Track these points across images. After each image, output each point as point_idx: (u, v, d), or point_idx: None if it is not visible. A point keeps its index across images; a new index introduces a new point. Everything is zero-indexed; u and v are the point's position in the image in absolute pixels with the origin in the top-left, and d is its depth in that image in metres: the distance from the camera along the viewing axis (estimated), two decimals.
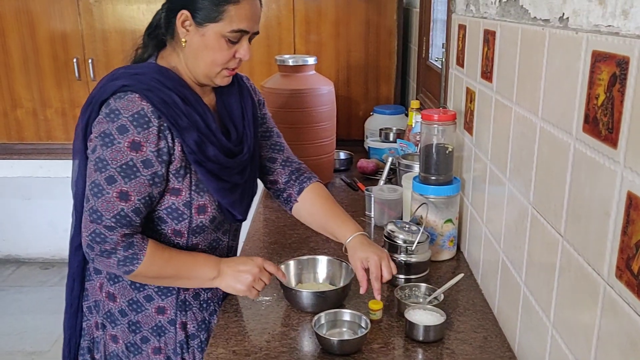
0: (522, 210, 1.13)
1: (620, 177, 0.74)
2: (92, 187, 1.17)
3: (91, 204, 1.17)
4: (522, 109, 1.13)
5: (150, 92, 1.17)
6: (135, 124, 1.15)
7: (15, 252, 3.97)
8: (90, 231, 1.17)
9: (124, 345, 1.34)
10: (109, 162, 1.15)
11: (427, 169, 1.57)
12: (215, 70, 1.25)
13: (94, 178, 1.17)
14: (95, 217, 1.17)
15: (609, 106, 0.77)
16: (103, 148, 1.16)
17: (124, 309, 1.32)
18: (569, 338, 0.91)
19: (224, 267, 1.28)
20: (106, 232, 1.16)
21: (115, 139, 1.15)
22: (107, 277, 1.32)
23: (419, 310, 1.26)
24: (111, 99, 1.18)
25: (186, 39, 1.23)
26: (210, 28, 1.20)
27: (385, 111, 2.68)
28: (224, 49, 1.22)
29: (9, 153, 3.27)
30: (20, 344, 3.03)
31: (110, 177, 1.15)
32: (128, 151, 1.15)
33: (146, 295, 1.31)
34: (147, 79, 1.20)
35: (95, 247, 1.17)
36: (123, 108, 1.16)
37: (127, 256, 1.18)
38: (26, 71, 3.13)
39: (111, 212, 1.16)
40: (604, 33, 0.78)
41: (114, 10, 3.02)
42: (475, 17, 1.51)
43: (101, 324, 1.35)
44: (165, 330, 1.33)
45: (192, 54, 1.24)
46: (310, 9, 2.89)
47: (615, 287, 0.75)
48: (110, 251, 1.17)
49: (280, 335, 1.24)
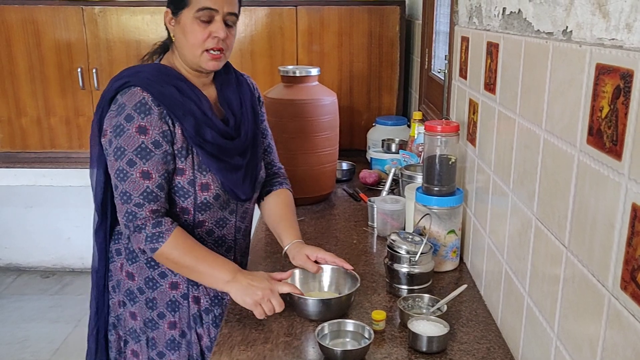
0: (526, 222, 1.13)
1: (624, 188, 0.74)
2: (117, 174, 1.31)
3: (120, 188, 1.31)
4: (526, 120, 1.13)
5: (149, 85, 1.32)
6: (138, 111, 1.30)
7: (17, 261, 3.97)
8: (124, 212, 1.31)
9: (141, 321, 1.46)
10: (125, 148, 1.29)
11: (430, 179, 1.57)
12: (197, 53, 1.37)
13: (117, 166, 1.30)
14: (126, 199, 1.30)
15: (613, 118, 0.77)
16: (117, 138, 1.30)
17: (142, 286, 1.44)
18: (573, 349, 0.91)
19: (240, 275, 1.32)
20: (136, 209, 1.30)
21: (125, 127, 1.30)
22: (126, 258, 1.45)
23: (422, 321, 1.26)
24: (118, 95, 1.33)
25: (173, 33, 1.39)
26: (183, 15, 1.35)
27: (388, 122, 2.69)
28: (198, 30, 1.35)
29: (12, 161, 3.28)
30: (21, 352, 3.02)
31: (130, 160, 1.30)
32: (137, 135, 1.29)
33: (160, 272, 1.43)
34: (146, 75, 1.35)
35: (130, 225, 1.31)
36: (127, 100, 1.31)
37: (155, 233, 1.30)
38: (31, 80, 3.15)
39: (138, 191, 1.30)
40: (608, 46, 0.79)
41: (118, 21, 3.05)
42: (479, 29, 1.52)
43: (122, 301, 1.47)
44: (179, 304, 1.45)
45: (179, 45, 1.39)
46: (313, 20, 2.91)
47: (620, 298, 0.75)
48: (140, 226, 1.30)
49: (284, 345, 1.24)
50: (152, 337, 1.46)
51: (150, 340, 1.46)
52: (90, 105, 3.18)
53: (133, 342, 1.48)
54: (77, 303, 3.51)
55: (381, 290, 1.49)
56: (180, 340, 1.46)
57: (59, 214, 3.86)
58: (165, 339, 1.46)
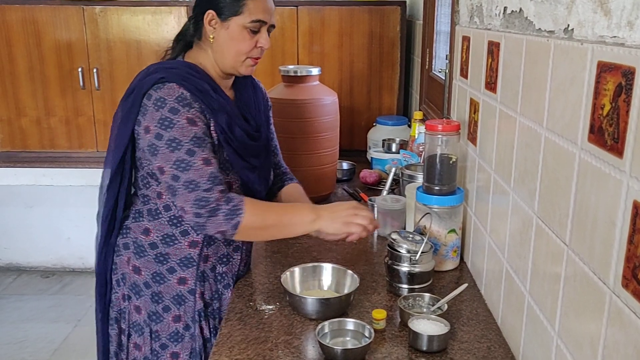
0: (527, 220, 1.13)
1: (626, 186, 0.74)
2: (177, 165, 1.29)
3: (182, 178, 1.29)
4: (527, 119, 1.13)
5: (185, 82, 1.34)
6: (181, 104, 1.31)
7: (17, 260, 3.96)
8: (192, 200, 1.29)
9: (146, 314, 1.46)
10: (180, 139, 1.30)
11: (431, 179, 1.57)
12: (241, 60, 1.41)
13: (175, 157, 1.29)
14: (193, 187, 1.29)
15: (614, 116, 0.77)
16: (168, 130, 1.29)
17: (148, 281, 1.45)
18: (574, 348, 0.91)
19: (321, 210, 1.38)
20: (205, 194, 1.29)
21: (173, 120, 1.30)
22: (133, 252, 1.45)
23: (423, 320, 1.25)
24: (151, 90, 1.32)
25: (213, 35, 1.40)
26: (233, 21, 1.38)
27: (388, 122, 2.69)
28: (247, 39, 1.39)
29: (12, 161, 3.28)
30: (20, 352, 3.02)
31: (189, 150, 1.30)
32: (189, 126, 1.31)
33: (169, 267, 1.44)
34: (180, 72, 1.37)
35: (202, 211, 1.29)
36: (166, 95, 1.31)
37: (230, 209, 1.30)
38: (31, 80, 3.15)
39: (204, 177, 1.30)
40: (610, 44, 0.79)
41: (119, 21, 3.05)
42: (480, 28, 1.52)
43: (127, 295, 1.48)
44: (185, 299, 1.46)
45: (220, 48, 1.41)
46: (313, 20, 2.91)
47: (622, 296, 0.75)
48: (215, 208, 1.29)
49: (284, 344, 1.24)
50: (156, 330, 1.46)
51: (153, 332, 1.47)
52: (90, 105, 3.18)
53: (136, 335, 1.48)
54: (77, 303, 3.51)
55: (381, 289, 1.49)
56: (183, 333, 1.47)
57: (59, 214, 3.86)
58: (169, 331, 1.46)
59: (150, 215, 1.43)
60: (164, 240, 1.43)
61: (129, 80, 1.43)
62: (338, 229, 1.36)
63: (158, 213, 1.43)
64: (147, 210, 1.44)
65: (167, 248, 1.43)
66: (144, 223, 1.44)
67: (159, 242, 1.44)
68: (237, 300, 1.44)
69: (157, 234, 1.43)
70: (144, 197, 1.44)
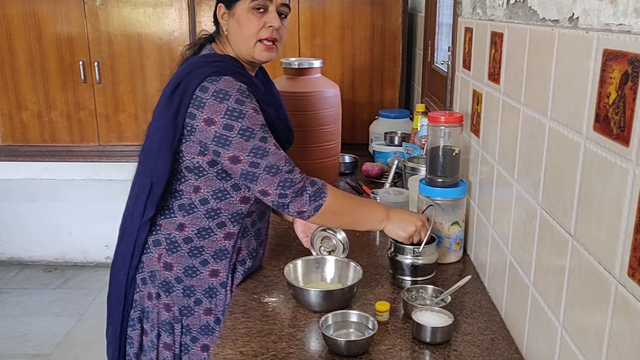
0: (531, 211, 1.12)
1: (632, 175, 0.74)
2: (254, 153, 1.31)
3: (263, 164, 1.31)
4: (531, 109, 1.13)
5: (238, 75, 1.35)
6: (244, 95, 1.32)
7: (19, 255, 3.97)
8: (276, 183, 1.32)
9: (177, 310, 1.45)
10: (253, 128, 1.31)
11: (434, 171, 1.56)
12: (251, 44, 1.40)
13: (251, 145, 1.31)
14: (275, 171, 1.32)
15: (620, 104, 0.76)
16: (239, 121, 1.30)
17: (180, 275, 1.44)
18: (579, 339, 0.91)
19: (392, 213, 1.42)
20: (290, 175, 1.33)
21: (242, 110, 1.30)
22: (166, 248, 1.44)
23: (426, 311, 1.25)
24: (205, 83, 1.31)
25: (226, 27, 1.42)
26: (237, 7, 1.39)
27: (390, 115, 2.68)
28: (253, 20, 1.39)
29: (14, 155, 3.27)
30: (23, 346, 3.02)
31: (263, 137, 1.32)
32: (256, 115, 1.33)
33: (202, 260, 1.44)
34: (230, 65, 1.38)
35: (288, 192, 1.32)
36: (227, 87, 1.31)
37: (315, 191, 1.35)
38: (32, 73, 3.14)
39: (282, 160, 1.33)
40: (615, 32, 0.78)
41: (119, 14, 3.04)
42: (482, 19, 1.51)
43: (156, 293, 1.46)
44: (216, 292, 1.46)
45: (234, 38, 1.42)
46: (315, 13, 2.90)
47: (628, 285, 0.75)
48: (301, 189, 1.34)
49: (288, 336, 1.24)
50: (187, 324, 1.46)
51: (184, 327, 1.46)
52: (91, 99, 3.17)
53: (166, 334, 1.47)
54: (79, 297, 3.52)
55: (385, 281, 1.49)
56: (214, 327, 1.46)
57: (62, 208, 3.86)
58: (200, 324, 1.46)
59: (184, 210, 1.41)
60: (200, 233, 1.43)
61: (130, 73, 1.43)
62: (400, 236, 1.41)
63: (193, 207, 1.41)
64: (179, 205, 1.42)
65: (202, 241, 1.43)
66: (177, 219, 1.42)
67: (194, 236, 1.43)
68: (240, 293, 1.44)
69: (193, 228, 1.42)
70: (176, 192, 1.41)
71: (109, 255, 3.86)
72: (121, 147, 3.24)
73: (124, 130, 3.22)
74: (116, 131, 3.22)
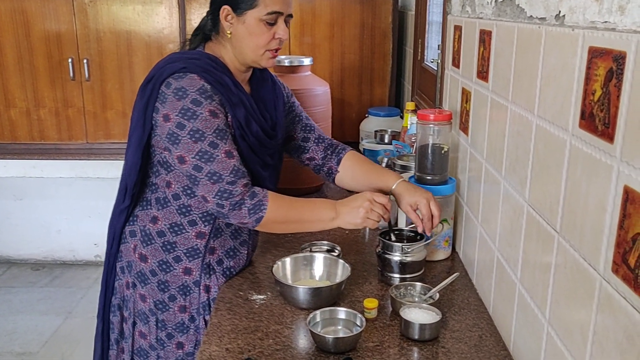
0: (518, 208, 1.13)
1: (616, 171, 0.74)
2: (199, 156, 1.30)
3: (206, 169, 1.30)
4: (518, 107, 1.13)
5: (206, 74, 1.34)
6: (204, 96, 1.31)
7: (6, 253, 3.94)
8: (215, 191, 1.31)
9: (152, 303, 1.46)
10: (204, 131, 1.30)
11: (423, 168, 1.57)
12: (260, 53, 1.41)
13: (198, 148, 1.30)
14: (216, 178, 1.31)
15: (605, 101, 0.77)
16: (190, 121, 1.30)
17: (155, 269, 1.45)
18: (564, 334, 0.91)
19: (340, 207, 1.39)
20: (229, 187, 1.31)
21: (196, 111, 1.30)
22: (140, 240, 1.45)
23: (415, 308, 1.25)
24: (170, 78, 1.32)
25: (230, 30, 1.40)
26: (249, 15, 1.37)
27: (380, 113, 2.68)
28: (264, 32, 1.38)
29: (2, 153, 3.24)
30: (10, 344, 3.00)
31: (212, 142, 1.31)
32: (211, 119, 1.31)
33: (175, 256, 1.44)
34: (202, 63, 1.36)
35: (225, 203, 1.31)
36: (187, 85, 1.31)
37: (255, 204, 1.33)
38: (20, 71, 3.11)
39: (227, 170, 1.31)
40: (601, 29, 0.79)
41: (108, 11, 3.02)
42: (471, 17, 1.52)
43: (132, 283, 1.48)
44: (190, 290, 1.46)
45: (238, 43, 1.40)
46: (304, 11, 2.90)
47: (612, 281, 0.75)
48: (239, 202, 1.32)
49: (275, 333, 1.24)
50: (162, 319, 1.46)
51: (159, 321, 1.46)
52: (80, 97, 3.15)
53: (141, 323, 1.48)
54: (67, 295, 3.49)
55: (373, 279, 1.49)
56: (189, 325, 1.47)
57: (50, 206, 3.83)
58: (175, 321, 1.46)
59: (159, 204, 1.43)
60: (172, 228, 1.43)
61: (119, 70, 1.42)
62: (357, 224, 1.38)
63: (167, 202, 1.42)
64: (155, 198, 1.44)
65: (175, 237, 1.43)
66: (152, 211, 1.44)
67: (166, 231, 1.43)
68: (226, 290, 1.44)
69: (165, 222, 1.43)
70: (153, 185, 1.44)
71: (98, 254, 3.84)
72: (109, 144, 3.22)
73: (112, 127, 3.20)
74: (104, 128, 3.20)
